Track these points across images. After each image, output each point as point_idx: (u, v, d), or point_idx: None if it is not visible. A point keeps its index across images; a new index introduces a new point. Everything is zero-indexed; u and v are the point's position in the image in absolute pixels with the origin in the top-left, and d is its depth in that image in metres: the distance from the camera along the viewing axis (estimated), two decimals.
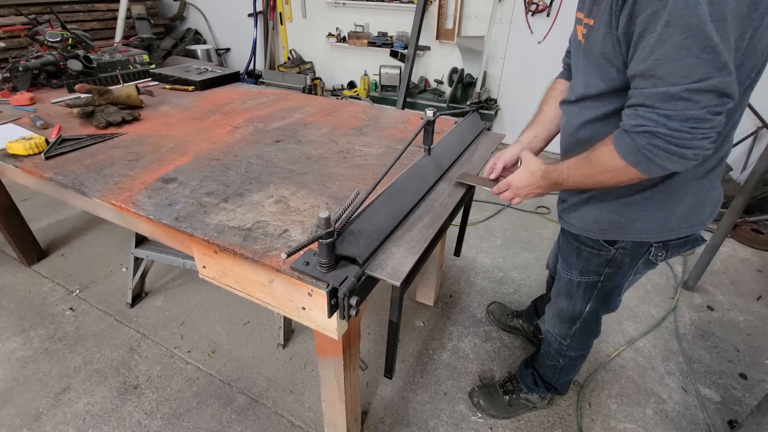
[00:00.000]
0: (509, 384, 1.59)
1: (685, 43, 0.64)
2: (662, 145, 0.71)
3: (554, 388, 1.50)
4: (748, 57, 0.71)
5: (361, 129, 1.63)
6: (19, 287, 2.13)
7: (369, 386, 1.68)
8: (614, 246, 1.03)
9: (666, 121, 0.69)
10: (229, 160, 1.32)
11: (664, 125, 0.69)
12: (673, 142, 0.70)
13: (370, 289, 0.94)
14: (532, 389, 1.53)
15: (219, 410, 1.56)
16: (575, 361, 1.41)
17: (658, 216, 0.93)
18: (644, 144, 0.72)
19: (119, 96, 1.70)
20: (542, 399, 1.54)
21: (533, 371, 1.52)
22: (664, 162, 0.73)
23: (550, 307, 1.35)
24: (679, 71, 0.66)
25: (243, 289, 1.00)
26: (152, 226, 1.10)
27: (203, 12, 5.06)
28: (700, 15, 0.62)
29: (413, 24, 3.54)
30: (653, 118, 0.70)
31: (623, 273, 1.08)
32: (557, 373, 1.43)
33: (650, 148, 0.72)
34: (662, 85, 0.68)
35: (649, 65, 0.69)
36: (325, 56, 4.63)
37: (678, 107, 0.67)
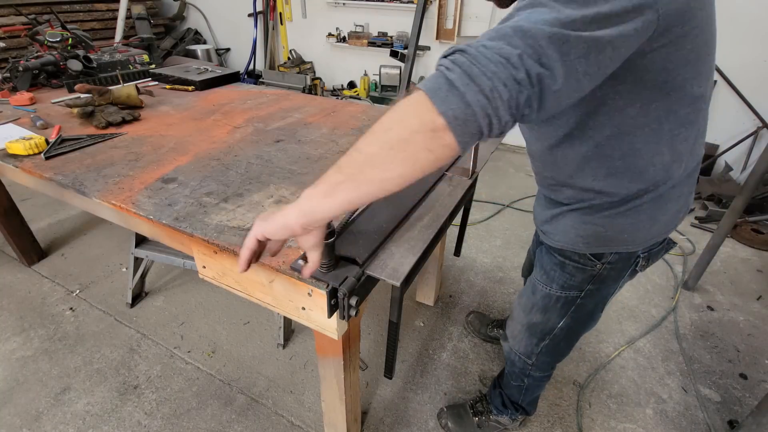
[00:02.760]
0: (480, 405, 1.53)
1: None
2: (464, 61, 0.51)
3: (522, 409, 1.45)
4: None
5: (361, 129, 1.63)
6: (19, 287, 2.14)
7: (369, 386, 1.68)
8: (600, 260, 0.97)
9: (479, 48, 0.52)
10: (229, 160, 1.32)
11: (476, 49, 0.52)
12: (477, 63, 0.51)
13: (370, 289, 0.94)
14: (502, 411, 1.48)
15: (219, 410, 1.56)
16: (540, 381, 1.35)
17: (644, 225, 0.90)
18: (447, 63, 0.54)
19: (119, 96, 1.70)
20: (513, 420, 1.48)
21: (500, 392, 1.47)
22: (461, 84, 0.51)
23: (515, 322, 1.25)
24: None
25: (243, 289, 1.00)
26: (152, 226, 1.10)
27: (203, 12, 5.06)
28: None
29: (413, 24, 3.54)
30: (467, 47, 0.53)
31: (607, 288, 1.04)
32: (523, 393, 1.38)
33: (452, 66, 0.52)
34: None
35: None
36: (325, 56, 4.63)
37: (495, 45, 0.51)
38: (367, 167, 0.59)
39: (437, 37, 3.84)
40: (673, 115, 0.75)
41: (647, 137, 0.77)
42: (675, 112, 0.74)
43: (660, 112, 0.74)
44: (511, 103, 0.51)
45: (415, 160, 0.55)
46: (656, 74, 0.68)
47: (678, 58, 0.67)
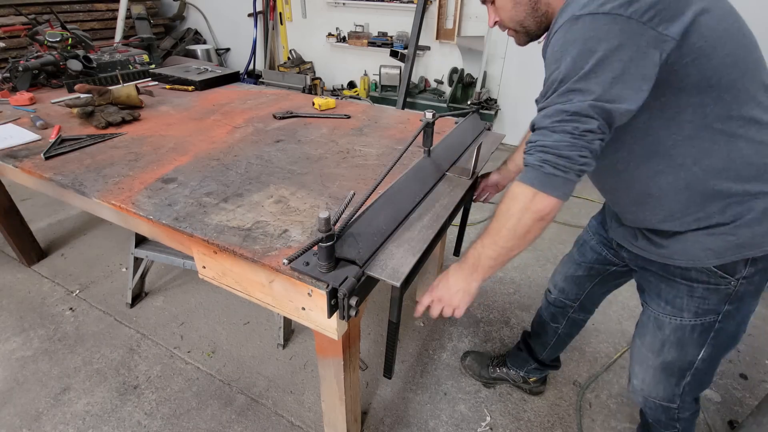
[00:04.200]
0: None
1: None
2: (552, 159, 0.74)
3: None
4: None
5: (361, 129, 1.63)
6: (19, 287, 2.13)
7: (369, 386, 1.67)
8: (734, 276, 0.87)
9: (549, 134, 0.74)
10: (228, 160, 1.32)
11: (550, 138, 0.74)
12: (559, 153, 0.74)
13: (370, 290, 0.94)
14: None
15: (219, 410, 1.56)
16: (691, 420, 1.17)
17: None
18: (539, 161, 0.76)
19: (119, 96, 1.70)
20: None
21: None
22: (564, 174, 0.75)
23: (644, 366, 1.09)
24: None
25: (243, 289, 1.00)
26: (152, 226, 1.10)
27: (203, 12, 5.06)
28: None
29: (413, 24, 3.54)
30: (543, 133, 0.76)
31: (748, 305, 0.93)
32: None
33: (544, 164, 0.75)
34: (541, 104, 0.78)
35: (543, 102, 0.78)
36: (325, 56, 4.63)
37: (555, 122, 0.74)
38: (508, 256, 0.88)
39: (437, 37, 3.84)
40: (745, 110, 0.76)
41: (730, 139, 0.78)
42: (745, 107, 0.76)
43: (724, 112, 0.76)
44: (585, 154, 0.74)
45: (535, 236, 0.84)
46: (699, 81, 0.73)
47: (712, 65, 0.72)
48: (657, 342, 1.04)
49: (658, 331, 1.03)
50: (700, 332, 0.97)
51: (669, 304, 0.98)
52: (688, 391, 1.08)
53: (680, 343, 1.00)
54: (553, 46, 0.75)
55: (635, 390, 1.15)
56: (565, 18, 0.72)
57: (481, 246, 0.87)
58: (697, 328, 0.96)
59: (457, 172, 1.27)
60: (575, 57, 0.70)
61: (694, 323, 0.96)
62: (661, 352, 1.04)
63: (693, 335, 0.98)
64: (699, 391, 1.12)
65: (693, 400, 1.12)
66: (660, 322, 1.01)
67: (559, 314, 1.40)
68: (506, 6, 0.89)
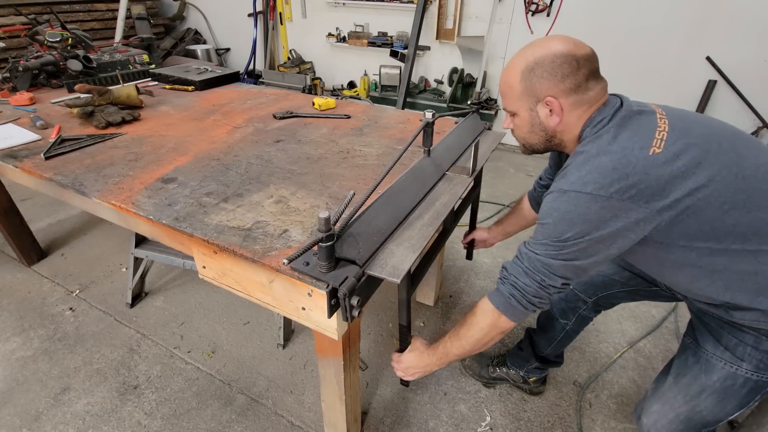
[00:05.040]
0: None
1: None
2: (518, 296, 0.89)
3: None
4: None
5: (361, 129, 1.63)
6: (19, 287, 2.13)
7: (369, 386, 1.67)
8: None
9: (523, 275, 0.89)
10: (229, 160, 1.32)
11: (522, 279, 0.89)
12: (524, 295, 0.89)
13: (373, 290, 0.94)
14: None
15: (219, 410, 1.56)
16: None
17: None
18: (508, 293, 0.91)
19: (119, 96, 1.70)
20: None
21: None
22: (525, 309, 0.91)
23: (666, 407, 1.02)
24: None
25: (243, 289, 1.00)
26: (152, 226, 1.10)
27: (203, 12, 5.06)
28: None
29: (413, 24, 3.54)
30: (518, 271, 0.90)
31: None
32: None
33: (511, 297, 0.90)
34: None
35: (530, 242, 0.91)
36: (325, 56, 4.63)
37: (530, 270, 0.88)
38: (469, 354, 1.04)
39: (437, 37, 3.84)
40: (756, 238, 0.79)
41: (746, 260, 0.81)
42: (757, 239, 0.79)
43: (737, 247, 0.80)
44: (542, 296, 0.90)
45: (494, 343, 1.01)
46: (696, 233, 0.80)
47: (704, 218, 0.78)
48: (696, 386, 0.97)
49: (704, 375, 0.95)
50: (750, 389, 0.92)
51: (729, 350, 0.92)
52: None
53: (723, 394, 0.93)
54: (546, 203, 0.86)
55: (643, 429, 1.09)
56: (557, 187, 0.83)
57: (450, 345, 1.03)
58: (750, 384, 0.91)
59: (457, 171, 1.27)
60: (557, 223, 0.82)
61: (749, 377, 0.90)
62: (695, 398, 0.97)
63: (742, 390, 0.92)
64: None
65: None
66: (710, 365, 0.95)
67: (570, 310, 1.39)
68: (523, 128, 0.96)
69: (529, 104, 0.90)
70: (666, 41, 3.06)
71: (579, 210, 0.79)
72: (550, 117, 0.89)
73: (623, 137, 0.80)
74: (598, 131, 0.83)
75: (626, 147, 0.78)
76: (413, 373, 1.13)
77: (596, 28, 3.20)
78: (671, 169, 0.76)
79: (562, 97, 0.86)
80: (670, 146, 0.77)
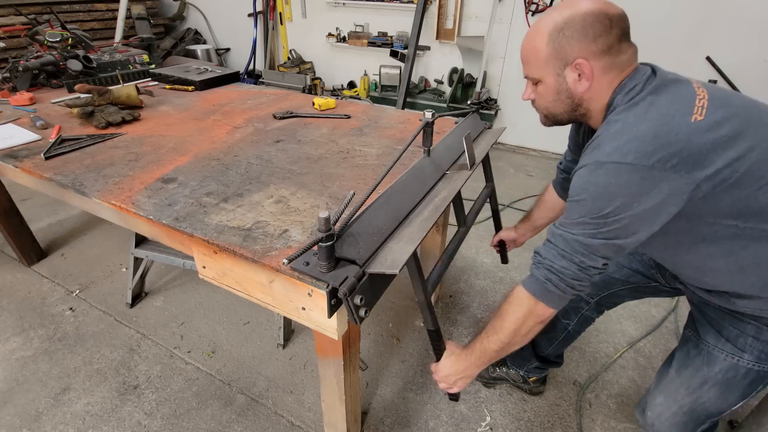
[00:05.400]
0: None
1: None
2: (554, 280, 0.83)
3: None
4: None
5: (361, 129, 1.63)
6: (19, 287, 2.13)
7: (369, 386, 1.67)
8: None
9: (559, 258, 0.82)
10: (229, 160, 1.32)
11: (558, 262, 0.82)
12: (563, 278, 0.82)
13: (381, 291, 0.92)
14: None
15: (219, 410, 1.56)
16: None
17: None
18: (543, 277, 0.84)
19: (119, 96, 1.70)
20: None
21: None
22: (563, 293, 0.84)
23: (669, 400, 1.03)
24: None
25: (243, 289, 1.00)
26: (152, 226, 1.10)
27: (203, 12, 5.06)
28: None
29: (413, 24, 3.54)
30: (553, 254, 0.84)
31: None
32: None
33: (547, 282, 0.84)
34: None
35: (563, 222, 0.83)
36: (325, 56, 4.62)
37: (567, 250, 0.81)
38: (509, 350, 0.96)
39: (437, 37, 3.84)
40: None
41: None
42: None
43: None
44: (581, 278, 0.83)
45: (535, 334, 0.93)
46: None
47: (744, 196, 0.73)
48: (698, 378, 0.97)
49: (706, 367, 0.95)
50: (752, 380, 0.92)
51: (730, 341, 0.92)
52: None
53: (726, 386, 0.94)
54: (576, 180, 0.79)
55: (646, 423, 1.09)
56: (592, 159, 0.76)
57: (486, 341, 0.95)
58: (751, 375, 0.91)
59: (456, 169, 1.27)
60: (595, 198, 0.75)
61: (750, 368, 0.90)
62: (698, 390, 0.97)
63: (744, 381, 0.92)
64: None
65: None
66: (712, 357, 0.95)
67: (572, 311, 1.38)
68: (547, 96, 0.90)
69: (557, 69, 0.83)
70: (666, 41, 3.06)
71: (619, 182, 0.72)
72: (578, 82, 0.83)
73: (662, 104, 0.74)
74: (633, 98, 0.77)
75: (666, 114, 0.72)
76: (455, 381, 1.02)
77: None
78: (714, 138, 0.70)
79: (593, 60, 0.80)
80: (711, 114, 0.72)
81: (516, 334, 0.91)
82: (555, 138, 3.81)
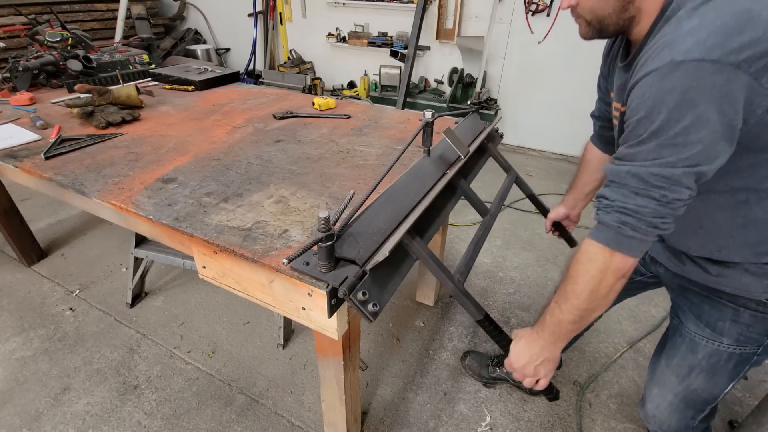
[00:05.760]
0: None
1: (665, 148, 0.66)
2: (632, 222, 0.70)
3: None
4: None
5: (361, 129, 1.63)
6: (19, 287, 2.13)
7: (369, 386, 1.67)
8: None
9: (632, 196, 0.70)
10: (229, 160, 1.32)
11: (632, 200, 0.70)
12: (641, 218, 0.70)
13: (390, 286, 0.89)
14: None
15: (219, 410, 1.56)
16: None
17: None
18: (617, 222, 0.71)
19: (119, 96, 1.70)
20: None
21: None
22: (644, 236, 0.71)
23: (664, 391, 1.03)
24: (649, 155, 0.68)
25: (243, 289, 1.00)
26: (152, 226, 1.10)
27: (203, 12, 5.06)
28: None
29: (413, 24, 3.54)
30: (624, 193, 0.71)
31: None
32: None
33: (623, 226, 0.71)
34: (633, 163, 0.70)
35: (626, 154, 0.71)
36: (325, 56, 4.63)
37: (641, 186, 0.69)
38: (589, 318, 0.82)
39: (437, 37, 3.84)
40: None
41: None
42: None
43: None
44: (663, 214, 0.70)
45: (617, 293, 0.78)
46: None
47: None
48: (685, 366, 0.97)
49: (690, 355, 0.96)
50: (736, 363, 0.92)
51: (709, 326, 0.92)
52: (702, 420, 1.04)
53: (712, 371, 0.94)
54: (643, 90, 0.66)
55: (647, 415, 1.09)
56: (664, 61, 0.63)
57: (559, 311, 0.81)
58: (734, 358, 0.91)
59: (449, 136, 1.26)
60: (672, 110, 0.62)
61: (732, 351, 0.91)
62: (687, 377, 0.97)
63: (728, 365, 0.93)
64: (710, 422, 1.08)
65: (704, 429, 1.09)
66: (694, 344, 0.95)
67: None
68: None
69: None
70: None
71: (703, 85, 0.60)
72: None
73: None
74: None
75: (752, 9, 0.61)
76: (535, 370, 0.87)
77: None
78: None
79: None
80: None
81: (594, 297, 0.76)
82: (555, 138, 3.81)
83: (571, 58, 3.42)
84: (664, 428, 1.06)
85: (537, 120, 3.81)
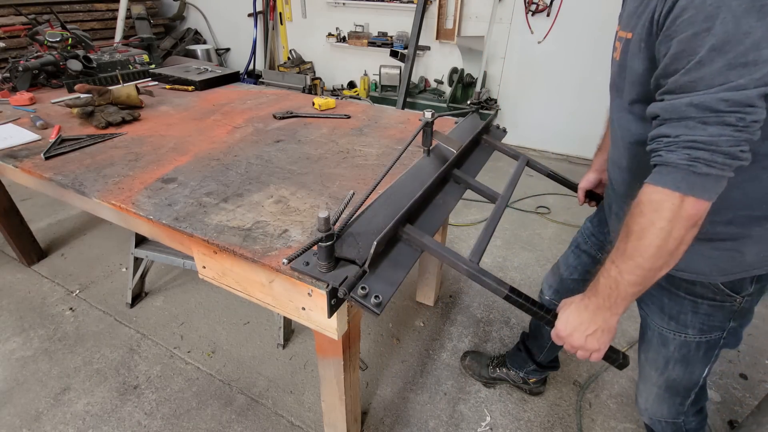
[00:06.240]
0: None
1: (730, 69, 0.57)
2: (706, 157, 0.60)
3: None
4: None
5: (361, 129, 1.63)
6: (18, 287, 2.13)
7: (369, 386, 1.68)
8: (741, 294, 0.83)
9: (701, 126, 0.60)
10: (228, 160, 1.32)
11: (702, 131, 0.59)
12: (717, 149, 0.60)
13: (395, 280, 0.85)
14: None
15: (219, 410, 1.56)
16: (700, 430, 1.13)
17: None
18: (688, 160, 0.61)
19: (119, 96, 1.69)
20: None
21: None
22: (721, 171, 0.61)
23: (648, 384, 1.05)
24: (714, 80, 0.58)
25: (243, 289, 1.00)
26: (152, 226, 1.10)
27: (203, 12, 5.06)
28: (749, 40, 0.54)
29: (413, 24, 3.54)
30: (689, 125, 0.61)
31: (748, 319, 0.91)
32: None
33: (695, 162, 0.61)
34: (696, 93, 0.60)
35: (683, 83, 0.61)
36: (325, 56, 4.63)
37: (711, 116, 0.59)
38: (654, 279, 0.70)
39: (437, 37, 3.84)
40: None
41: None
42: None
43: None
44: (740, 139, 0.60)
45: (687, 246, 0.67)
46: None
47: None
48: (661, 359, 0.99)
49: (663, 348, 0.97)
50: (706, 350, 0.93)
51: (673, 319, 0.92)
52: (692, 405, 1.05)
53: (685, 361, 0.96)
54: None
55: (641, 409, 1.11)
56: None
57: (617, 272, 0.71)
58: (703, 346, 0.92)
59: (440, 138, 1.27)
60: (740, 16, 0.52)
61: (699, 340, 0.92)
62: (665, 369, 0.99)
63: (698, 353, 0.94)
64: (703, 402, 1.09)
65: (697, 411, 1.09)
66: (664, 338, 0.96)
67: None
68: None
69: None
70: None
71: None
72: None
73: None
74: None
75: None
76: (587, 340, 0.77)
77: (596, 28, 3.20)
78: None
79: None
80: None
81: (660, 253, 0.65)
82: (555, 138, 3.81)
83: (571, 58, 3.42)
84: (658, 417, 1.08)
85: (537, 120, 3.81)
